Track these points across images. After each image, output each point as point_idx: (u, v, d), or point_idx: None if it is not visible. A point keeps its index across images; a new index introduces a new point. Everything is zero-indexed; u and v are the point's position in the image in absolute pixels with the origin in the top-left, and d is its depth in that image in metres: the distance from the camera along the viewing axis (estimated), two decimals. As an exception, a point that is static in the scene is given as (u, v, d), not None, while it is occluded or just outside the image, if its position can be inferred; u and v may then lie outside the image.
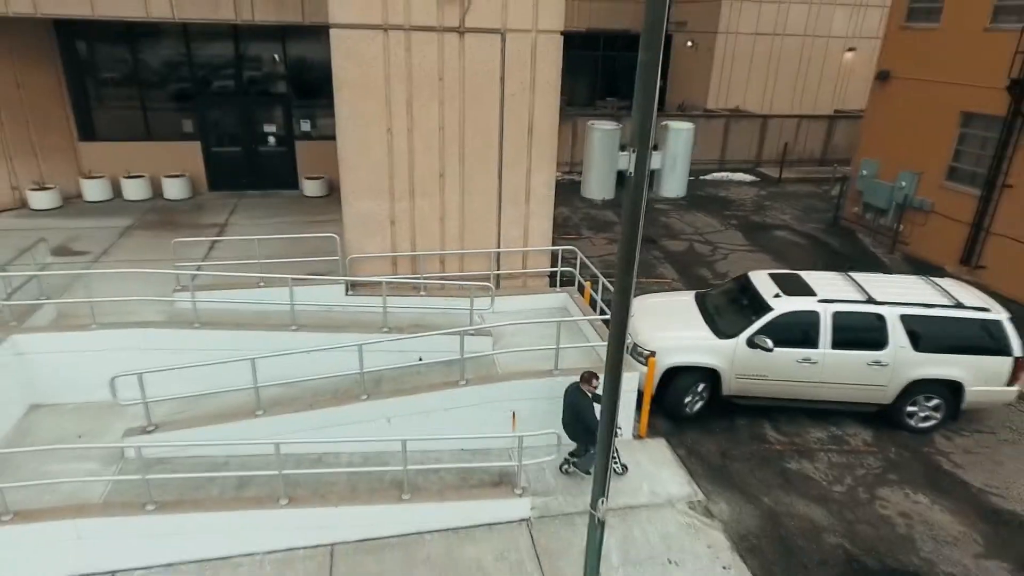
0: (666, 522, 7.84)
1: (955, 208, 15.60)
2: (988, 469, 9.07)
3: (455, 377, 8.66)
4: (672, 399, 9.64)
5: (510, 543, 7.44)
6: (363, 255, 10.49)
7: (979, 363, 9.36)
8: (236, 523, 7.04)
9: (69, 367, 8.70)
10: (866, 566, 7.37)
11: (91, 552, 6.77)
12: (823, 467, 9.00)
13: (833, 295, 9.55)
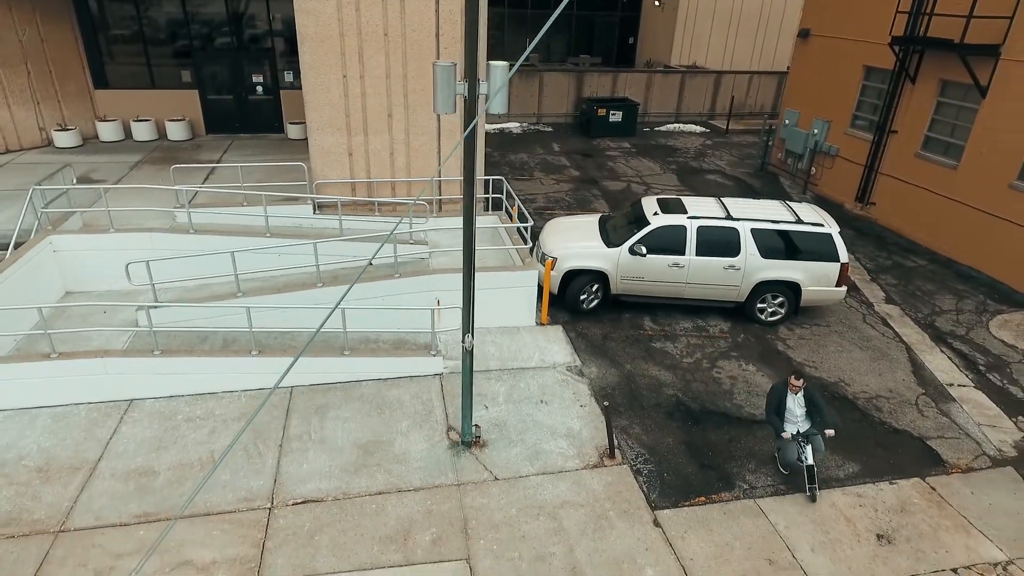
0: (546, 378, 10.38)
1: (855, 152, 17.76)
2: (812, 350, 11.54)
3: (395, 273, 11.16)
4: (571, 297, 12.09)
5: (424, 388, 10.00)
6: (327, 181, 12.90)
7: (813, 268, 11.74)
8: (220, 367, 9.62)
9: (94, 261, 11.24)
10: (689, 407, 9.90)
11: (114, 384, 9.38)
12: (681, 346, 11.49)
13: (700, 213, 11.89)
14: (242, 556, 7.09)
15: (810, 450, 7.99)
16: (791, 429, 8.14)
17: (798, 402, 8.16)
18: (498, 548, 7.31)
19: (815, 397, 8.14)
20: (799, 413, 8.18)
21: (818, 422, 8.07)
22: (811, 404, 8.14)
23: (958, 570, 7.30)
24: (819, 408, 8.09)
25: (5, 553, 6.99)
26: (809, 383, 8.27)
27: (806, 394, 8.14)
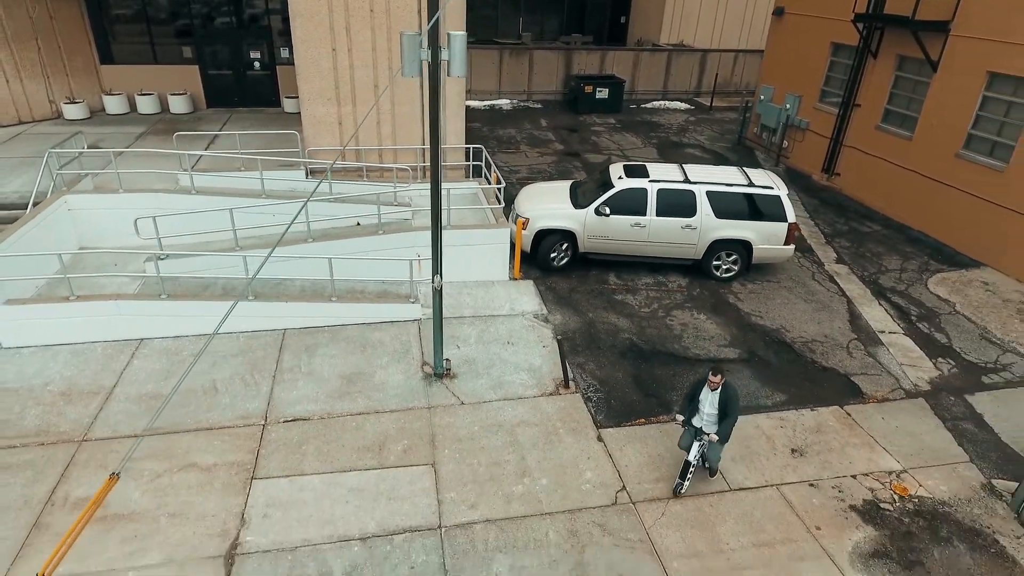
0: (514, 324, 11.48)
1: (822, 126, 18.69)
2: (760, 302, 12.62)
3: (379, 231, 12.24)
4: (542, 255, 13.15)
5: (404, 331, 11.12)
6: (318, 148, 13.93)
7: (763, 227, 12.78)
8: (220, 310, 10.71)
9: (105, 219, 12.34)
10: (641, 348, 11.01)
11: (126, 324, 10.51)
12: (641, 299, 12.57)
13: (660, 177, 12.91)
14: (239, 461, 8.25)
15: (696, 448, 7.75)
16: (697, 423, 7.78)
17: (711, 401, 7.64)
18: (460, 456, 8.46)
19: (730, 405, 7.55)
20: (709, 412, 7.68)
21: (719, 427, 7.63)
22: (723, 409, 7.59)
23: (857, 476, 8.43)
24: (728, 418, 7.57)
25: (37, 456, 8.17)
26: (728, 385, 7.62)
27: (722, 396, 7.58)
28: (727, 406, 7.59)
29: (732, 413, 7.59)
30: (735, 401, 7.61)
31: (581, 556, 7.16)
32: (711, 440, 7.63)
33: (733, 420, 7.63)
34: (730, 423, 7.62)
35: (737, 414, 7.67)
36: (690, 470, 7.86)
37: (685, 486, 7.95)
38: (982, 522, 7.85)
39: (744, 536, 7.50)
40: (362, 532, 7.32)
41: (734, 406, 7.60)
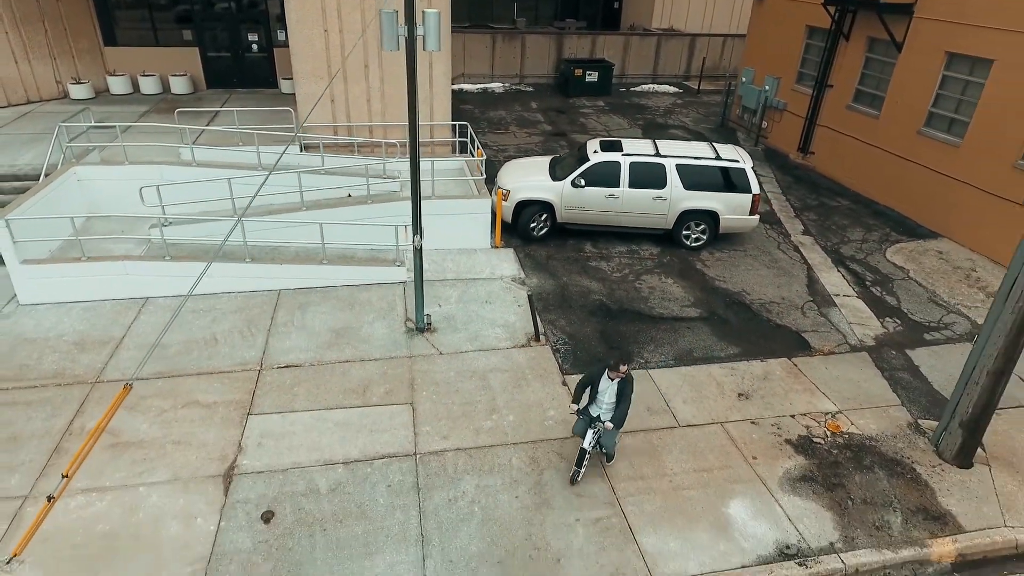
0: (493, 286, 12.34)
1: (799, 106, 19.42)
2: (725, 268, 13.45)
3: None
4: (522, 225, 13.98)
5: (390, 292, 11.98)
6: (311, 124, 14.73)
7: (730, 199, 13.59)
8: (220, 271, 11.59)
9: (111, 189, 13.16)
10: (609, 308, 11.86)
11: (133, 284, 11.38)
12: (613, 265, 13.41)
13: (633, 151, 13.70)
14: (237, 399, 9.14)
15: (590, 435, 7.74)
16: (594, 411, 7.77)
17: (612, 390, 7.61)
18: (436, 397, 9.34)
19: (626, 394, 7.58)
20: (608, 401, 7.66)
21: (614, 414, 7.64)
22: (619, 398, 7.60)
23: (795, 416, 9.30)
24: (621, 405, 7.59)
25: (55, 395, 9.07)
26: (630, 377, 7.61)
27: (621, 384, 7.58)
28: (622, 393, 7.58)
29: (626, 400, 7.58)
30: (631, 387, 7.62)
31: (540, 477, 8.05)
32: (606, 428, 7.59)
33: (627, 406, 7.61)
34: (624, 409, 7.60)
35: (630, 400, 7.65)
36: (585, 457, 7.83)
37: (581, 473, 7.94)
38: (904, 454, 8.72)
39: (687, 463, 8.38)
40: (345, 457, 8.22)
41: (629, 393, 7.60)
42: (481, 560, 7.01)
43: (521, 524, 7.42)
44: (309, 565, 6.87)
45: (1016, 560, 7.47)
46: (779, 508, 7.79)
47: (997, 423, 9.31)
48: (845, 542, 7.41)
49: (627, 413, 7.72)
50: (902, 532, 7.57)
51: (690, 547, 7.25)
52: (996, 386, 7.98)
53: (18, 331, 10.47)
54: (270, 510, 7.45)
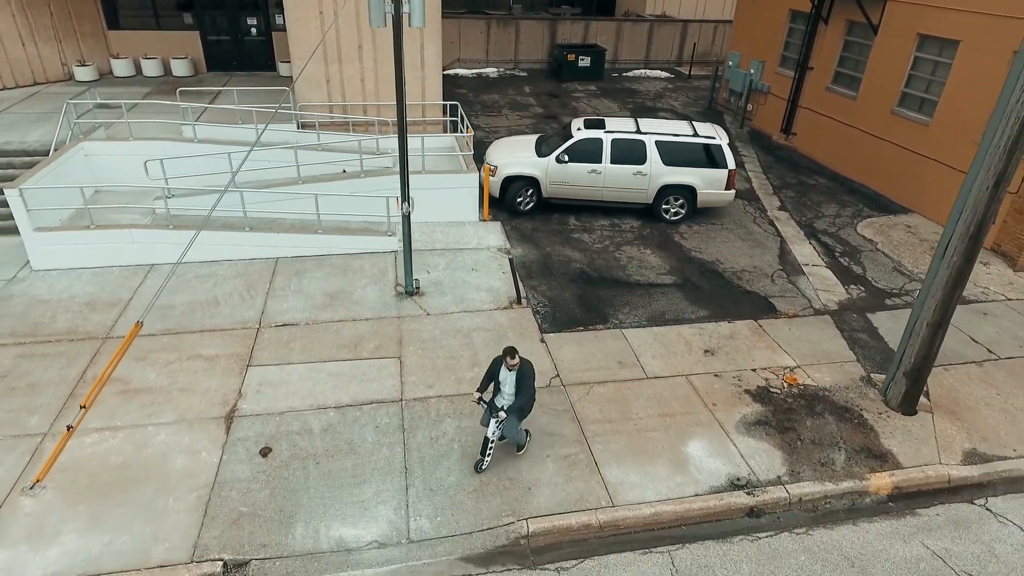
0: (480, 255, 13.01)
1: (782, 89, 20.00)
2: (701, 240, 14.11)
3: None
4: (510, 200, 14.64)
5: (381, 260, 12.66)
6: (308, 103, 15.36)
7: (706, 174, 14.23)
8: (221, 239, 12.28)
9: (117, 164, 13.81)
10: (589, 275, 12.53)
11: (139, 251, 12.07)
12: (595, 237, 14.07)
13: (615, 129, 14.33)
14: (237, 353, 9.85)
15: (493, 425, 7.66)
16: (500, 402, 7.74)
17: (510, 381, 7.60)
18: (422, 352, 10.04)
19: (524, 384, 7.55)
20: (509, 392, 7.65)
21: (512, 404, 7.60)
22: (518, 388, 7.57)
23: (756, 370, 9.99)
24: (519, 395, 7.57)
25: (69, 348, 9.77)
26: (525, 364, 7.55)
27: (519, 375, 7.54)
28: (521, 384, 7.57)
29: (524, 390, 7.56)
30: (530, 379, 7.59)
31: (515, 420, 8.76)
32: (502, 417, 7.53)
33: (525, 397, 7.57)
34: (521, 400, 7.56)
35: (530, 391, 7.62)
36: (489, 446, 7.87)
37: (486, 462, 7.96)
38: (854, 403, 9.42)
39: (652, 409, 9.08)
40: (337, 403, 8.93)
41: (528, 384, 7.56)
42: (458, 489, 7.72)
43: (496, 459, 8.12)
44: (303, 492, 7.59)
45: (948, 493, 8.17)
46: (733, 447, 8.50)
47: (945, 377, 10.03)
48: (791, 476, 8.12)
49: (527, 404, 7.72)
50: (844, 468, 8.27)
51: (649, 479, 7.96)
52: (934, 337, 8.65)
53: (32, 294, 11.17)
54: (268, 446, 8.17)
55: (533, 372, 7.71)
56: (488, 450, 7.92)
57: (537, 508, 7.51)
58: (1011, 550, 7.35)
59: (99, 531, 7.01)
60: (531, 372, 7.66)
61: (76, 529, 7.02)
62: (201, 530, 7.07)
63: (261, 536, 7.06)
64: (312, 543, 7.03)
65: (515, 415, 7.66)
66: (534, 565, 7.00)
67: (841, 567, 7.08)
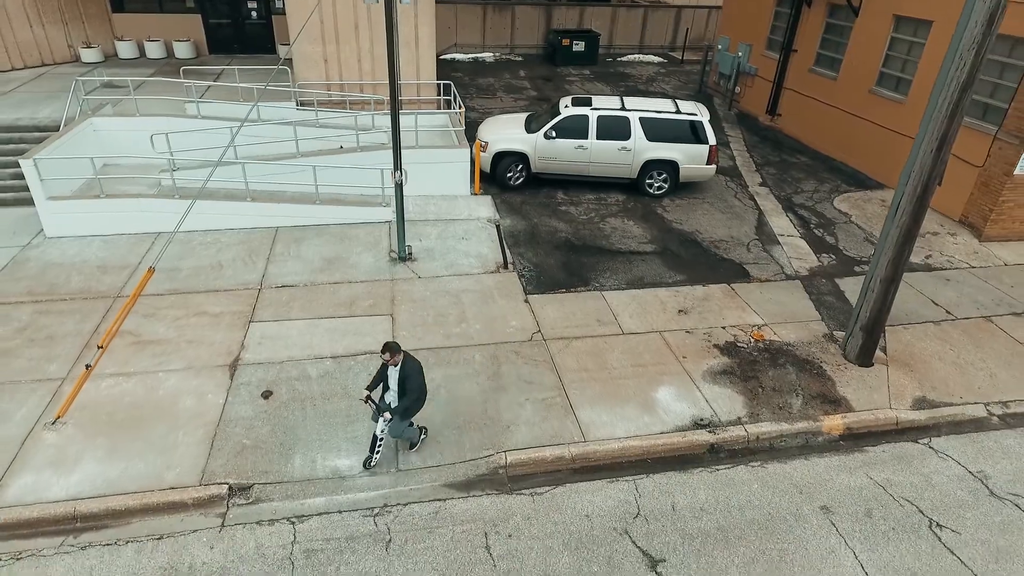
0: (470, 225, 13.66)
1: (768, 71, 20.55)
2: (683, 214, 14.74)
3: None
4: (500, 174, 15.27)
5: (377, 229, 13.32)
6: (306, 82, 15.97)
7: (688, 149, 14.85)
8: (224, 208, 12.94)
9: (125, 139, 14.45)
10: (573, 243, 13.18)
11: (146, 220, 12.73)
12: (582, 209, 14.71)
13: (601, 106, 14.93)
14: (240, 310, 10.53)
15: (381, 423, 7.51)
16: (389, 399, 7.53)
17: (394, 378, 7.41)
18: (413, 310, 10.72)
19: (407, 383, 7.32)
20: (393, 389, 7.44)
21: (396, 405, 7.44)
22: (401, 388, 7.38)
23: (726, 327, 10.66)
24: (403, 396, 7.38)
25: (83, 306, 10.46)
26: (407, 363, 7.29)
27: (401, 373, 7.33)
28: (404, 384, 7.35)
29: (408, 392, 7.33)
30: (412, 379, 7.32)
31: (498, 369, 9.44)
32: (385, 416, 7.38)
33: (409, 399, 7.35)
34: (405, 401, 7.36)
35: (415, 393, 7.37)
36: (377, 444, 7.72)
37: (374, 460, 7.82)
38: (815, 356, 10.09)
39: (625, 360, 9.76)
40: (333, 353, 9.62)
41: (411, 384, 7.32)
42: (444, 426, 8.42)
43: (478, 402, 8.81)
44: (301, 429, 8.29)
45: (896, 434, 8.84)
46: (699, 393, 9.18)
47: (903, 335, 10.70)
48: (751, 417, 8.80)
49: (413, 405, 7.47)
50: (800, 411, 8.96)
51: (619, 419, 8.65)
52: (887, 292, 9.31)
53: (47, 258, 11.85)
54: (269, 390, 8.86)
55: (419, 370, 7.42)
56: (377, 448, 7.75)
57: (515, 443, 8.20)
58: (947, 480, 8.04)
59: (116, 459, 7.71)
60: (416, 370, 7.37)
61: (95, 458, 7.72)
62: (208, 459, 7.78)
63: (263, 464, 7.76)
64: (309, 471, 7.74)
65: (399, 416, 7.43)
66: (511, 491, 7.69)
67: (790, 493, 7.77)
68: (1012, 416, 9.19)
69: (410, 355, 7.44)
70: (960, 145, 14.10)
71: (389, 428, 7.62)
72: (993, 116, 13.48)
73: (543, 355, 9.80)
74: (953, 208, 14.51)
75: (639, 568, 6.77)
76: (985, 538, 7.26)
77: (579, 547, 6.98)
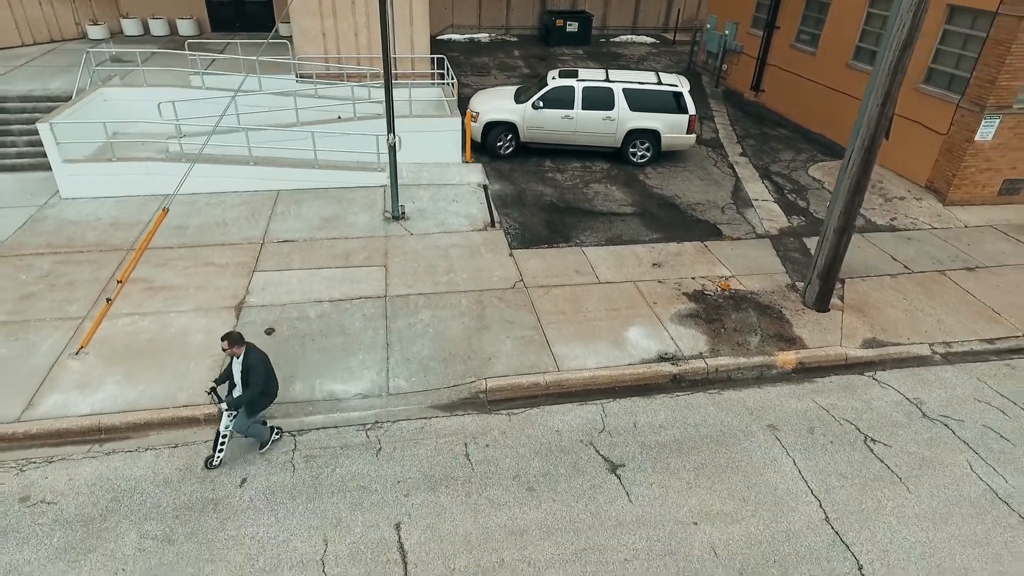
0: (461, 190, 14.44)
1: (752, 48, 21.22)
2: (663, 180, 15.51)
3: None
4: (491, 144, 16.02)
5: (372, 192, 14.11)
6: (305, 56, 16.70)
7: (669, 119, 15.58)
8: (228, 172, 13.72)
9: (133, 108, 15.21)
10: (557, 205, 13.97)
11: (155, 182, 13.51)
12: (567, 176, 15.48)
13: (586, 78, 15.66)
14: (244, 261, 11.35)
15: (225, 419, 7.22)
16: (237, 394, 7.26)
17: (237, 371, 7.16)
18: (405, 262, 11.53)
19: (249, 375, 7.05)
20: (238, 381, 7.20)
21: (237, 397, 7.14)
22: (245, 378, 7.11)
23: (696, 278, 11.46)
24: (246, 390, 7.10)
25: (98, 257, 11.28)
26: (250, 355, 7.06)
27: (244, 364, 7.08)
28: (247, 376, 7.06)
29: (251, 384, 7.03)
30: (255, 372, 7.03)
31: (482, 311, 10.26)
32: (221, 407, 7.11)
33: (251, 392, 7.04)
34: (247, 394, 7.05)
35: (259, 386, 7.07)
36: (220, 440, 7.37)
37: (216, 458, 7.44)
38: (776, 303, 10.90)
39: (600, 305, 10.57)
40: (330, 297, 10.45)
41: (254, 376, 7.03)
42: (430, 359, 9.25)
43: (463, 339, 9.64)
44: (301, 360, 9.12)
45: (844, 368, 9.65)
46: (666, 332, 10.00)
47: (861, 286, 11.50)
48: (712, 352, 9.62)
49: (258, 400, 7.21)
50: (757, 347, 9.78)
51: (591, 353, 9.48)
52: (840, 240, 10.09)
53: (63, 217, 12.66)
54: (271, 327, 9.70)
55: (264, 363, 7.16)
56: (220, 445, 7.39)
57: (495, 372, 9.03)
58: (885, 405, 8.87)
59: (134, 383, 8.55)
60: (261, 361, 7.11)
61: (115, 381, 8.57)
62: (217, 383, 8.63)
63: (266, 388, 8.61)
64: (308, 394, 8.58)
65: (241, 410, 7.14)
66: (490, 412, 8.53)
67: (741, 414, 8.61)
68: (953, 354, 10.01)
69: (255, 347, 7.19)
70: (926, 114, 14.86)
71: (234, 424, 7.28)
72: (957, 86, 14.19)
73: (524, 300, 10.61)
74: (920, 174, 15.26)
75: (601, 471, 7.61)
76: (913, 450, 8.09)
77: (548, 455, 7.83)
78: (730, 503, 7.28)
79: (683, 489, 7.44)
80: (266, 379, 7.22)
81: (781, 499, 7.35)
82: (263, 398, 7.34)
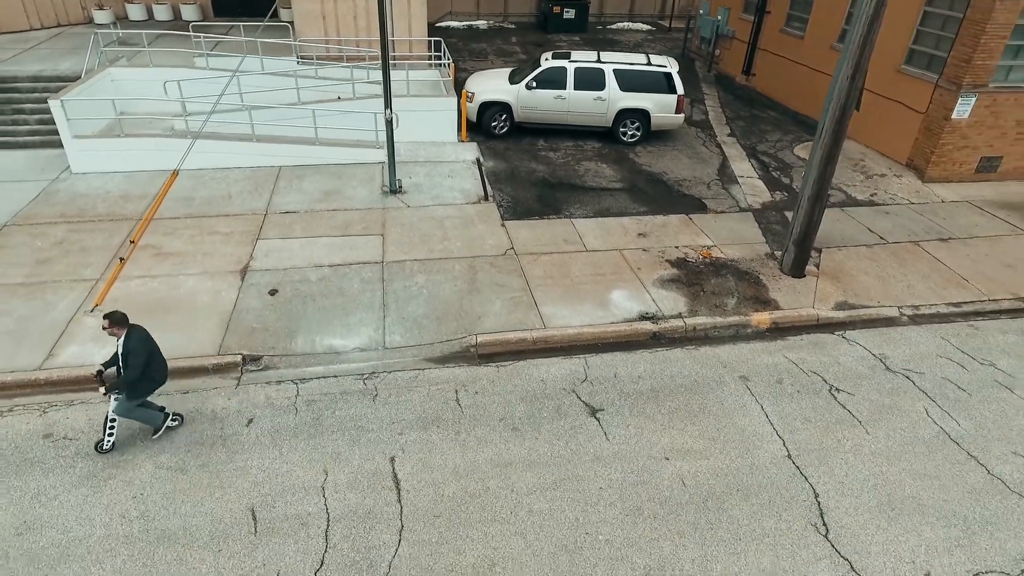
0: (456, 167, 14.97)
1: (744, 33, 21.67)
2: (652, 158, 16.02)
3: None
4: (486, 123, 16.53)
5: (370, 169, 14.64)
6: (306, 38, 17.19)
7: (658, 99, 16.09)
8: (232, 148, 14.26)
9: (140, 88, 15.74)
10: (549, 181, 14.50)
11: (162, 158, 14.03)
12: (559, 154, 16.00)
13: (578, 59, 16.15)
14: (248, 230, 11.91)
15: (113, 402, 7.08)
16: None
17: (119, 352, 6.84)
18: (401, 231, 12.08)
19: (129, 359, 6.75)
20: (121, 365, 6.89)
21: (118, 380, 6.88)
22: (124, 360, 6.80)
23: (679, 247, 12.00)
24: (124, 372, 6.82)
25: (110, 225, 11.85)
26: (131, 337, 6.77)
27: (125, 347, 6.77)
28: (127, 359, 6.75)
29: (130, 367, 6.71)
30: (135, 355, 6.70)
31: (474, 275, 10.82)
32: (112, 394, 6.89)
33: (131, 375, 6.73)
34: (128, 375, 6.73)
35: (135, 371, 6.71)
36: (109, 423, 7.20)
37: (107, 443, 7.26)
38: (754, 269, 11.44)
39: (587, 271, 11.13)
40: (331, 262, 11.01)
41: (133, 360, 6.70)
42: (424, 318, 9.81)
43: (455, 300, 10.20)
44: (302, 318, 9.69)
45: (815, 328, 10.20)
46: (648, 295, 10.56)
47: (837, 255, 12.04)
48: (690, 313, 10.18)
49: (141, 385, 6.94)
50: (734, 309, 10.33)
51: (577, 313, 10.04)
52: (814, 208, 10.62)
53: (74, 190, 13.21)
54: (275, 288, 10.26)
55: (144, 344, 6.76)
56: (109, 428, 7.21)
57: (485, 329, 9.59)
58: (851, 360, 9.43)
59: (146, 337, 9.13)
60: (141, 342, 6.72)
61: (129, 336, 9.14)
62: (224, 337, 9.19)
63: (270, 342, 9.18)
64: (309, 348, 9.15)
65: (122, 393, 6.87)
66: (479, 364, 9.10)
67: (715, 367, 9.17)
68: (921, 316, 10.56)
69: (139, 328, 6.86)
70: (907, 94, 15.36)
71: (117, 408, 7.09)
72: (936, 66, 14.68)
73: (514, 266, 11.16)
74: (900, 152, 15.76)
75: (581, 415, 8.19)
76: (874, 399, 8.66)
77: (533, 400, 8.40)
78: (700, 442, 7.85)
79: (657, 430, 8.01)
80: (147, 362, 6.84)
81: (748, 439, 7.92)
82: (147, 383, 7.01)
